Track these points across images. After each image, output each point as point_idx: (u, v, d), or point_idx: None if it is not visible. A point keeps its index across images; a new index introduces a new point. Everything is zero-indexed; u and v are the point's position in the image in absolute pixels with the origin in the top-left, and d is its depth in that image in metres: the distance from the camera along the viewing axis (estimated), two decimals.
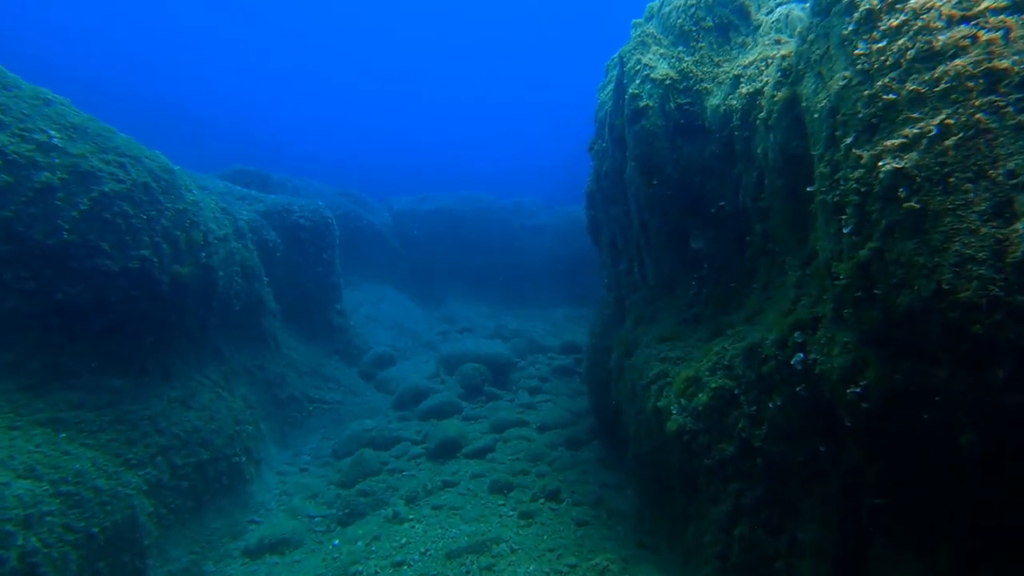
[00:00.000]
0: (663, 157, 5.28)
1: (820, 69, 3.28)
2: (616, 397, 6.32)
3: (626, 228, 6.53)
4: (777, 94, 3.79)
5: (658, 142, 5.26)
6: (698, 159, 5.15)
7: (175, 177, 6.29)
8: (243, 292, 7.72)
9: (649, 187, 5.47)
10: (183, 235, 6.18)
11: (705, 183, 5.17)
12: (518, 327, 12.05)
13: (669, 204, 5.44)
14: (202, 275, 6.59)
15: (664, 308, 5.76)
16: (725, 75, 4.90)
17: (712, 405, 4.18)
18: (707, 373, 4.36)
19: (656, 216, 5.60)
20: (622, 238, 6.74)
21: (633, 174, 5.68)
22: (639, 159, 5.45)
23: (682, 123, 5.16)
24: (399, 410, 9.01)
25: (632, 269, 6.54)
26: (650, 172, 5.40)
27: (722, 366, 4.25)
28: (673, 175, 5.30)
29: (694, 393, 4.43)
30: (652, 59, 5.27)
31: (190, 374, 6.42)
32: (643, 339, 5.78)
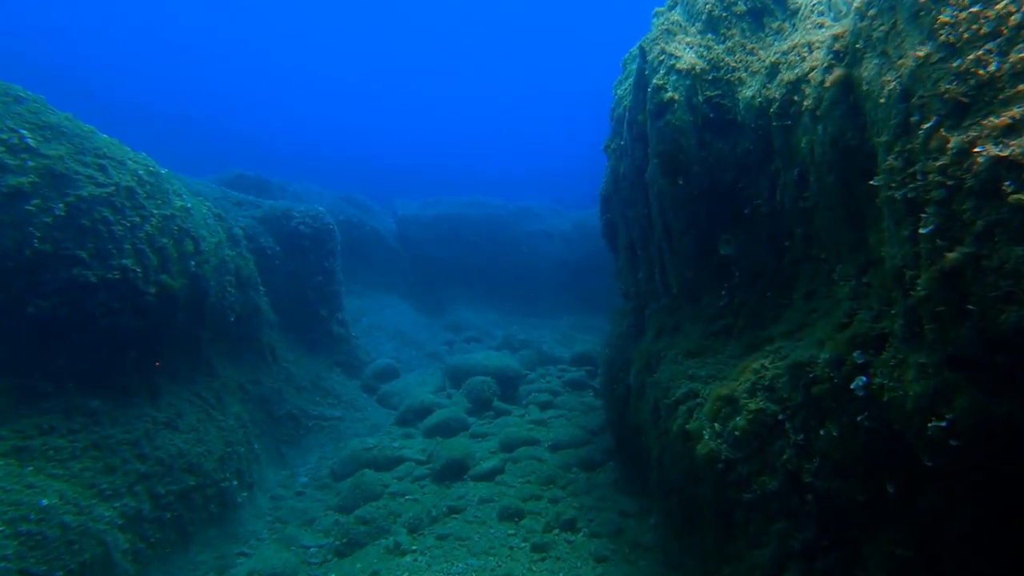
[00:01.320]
0: (690, 154, 4.83)
1: (885, 48, 2.81)
2: (636, 416, 5.83)
3: (646, 232, 6.07)
4: (828, 79, 3.33)
5: (684, 138, 4.81)
6: (729, 156, 4.69)
7: (162, 181, 5.91)
8: (238, 303, 7.31)
9: (674, 187, 5.01)
10: (171, 243, 5.78)
11: (737, 182, 4.71)
12: (527, 337, 11.57)
13: (696, 206, 4.98)
14: (192, 285, 6.18)
15: (690, 319, 5.28)
16: (760, 64, 4.45)
17: (751, 431, 3.69)
18: (744, 394, 3.87)
19: (681, 219, 5.14)
20: (641, 243, 6.27)
21: (656, 173, 5.22)
22: (663, 157, 5.00)
23: (711, 117, 4.70)
24: (402, 426, 8.55)
25: (653, 276, 6.07)
26: (675, 171, 4.94)
27: (762, 387, 3.76)
28: (701, 174, 4.84)
29: (729, 416, 3.95)
30: (678, 48, 4.83)
31: (178, 392, 6.00)
32: (667, 353, 5.30)
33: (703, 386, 4.50)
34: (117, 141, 5.78)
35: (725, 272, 4.96)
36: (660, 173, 5.16)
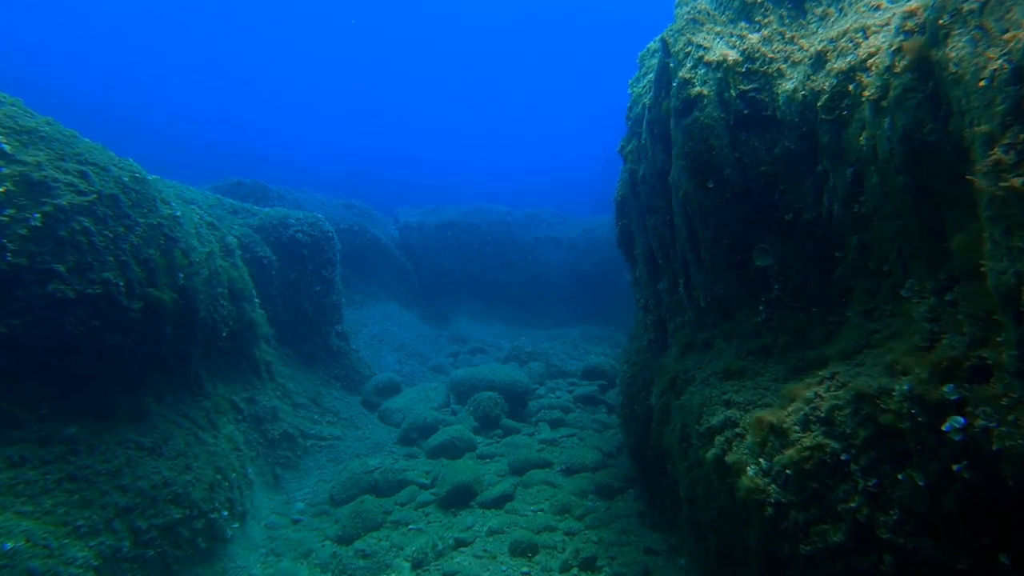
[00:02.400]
0: (721, 155, 4.38)
1: (982, 21, 2.36)
2: (660, 441, 5.34)
3: (668, 241, 5.61)
4: (898, 64, 2.88)
5: (715, 137, 4.36)
6: (766, 156, 4.23)
7: (149, 188, 5.50)
8: (230, 316, 6.88)
9: (702, 191, 4.56)
10: (158, 254, 5.36)
11: (775, 186, 4.26)
12: (535, 348, 11.09)
13: (728, 212, 4.52)
14: (181, 299, 5.76)
15: (721, 336, 4.81)
16: (803, 54, 4.01)
17: (807, 470, 3.21)
18: (795, 426, 3.39)
19: (710, 226, 4.68)
20: (663, 252, 5.81)
21: (681, 177, 4.77)
22: (690, 159, 4.55)
23: (746, 113, 4.26)
24: (405, 445, 8.07)
25: (676, 288, 5.61)
26: (704, 174, 4.49)
27: (818, 418, 3.28)
28: (733, 176, 4.38)
29: (778, 450, 3.47)
30: (707, 39, 4.40)
31: (165, 414, 5.56)
32: (696, 373, 4.82)
33: (742, 413, 4.02)
34: (101, 146, 5.38)
35: (762, 285, 4.49)
36: (687, 176, 4.71)
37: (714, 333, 4.92)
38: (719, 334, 4.85)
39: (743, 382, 4.24)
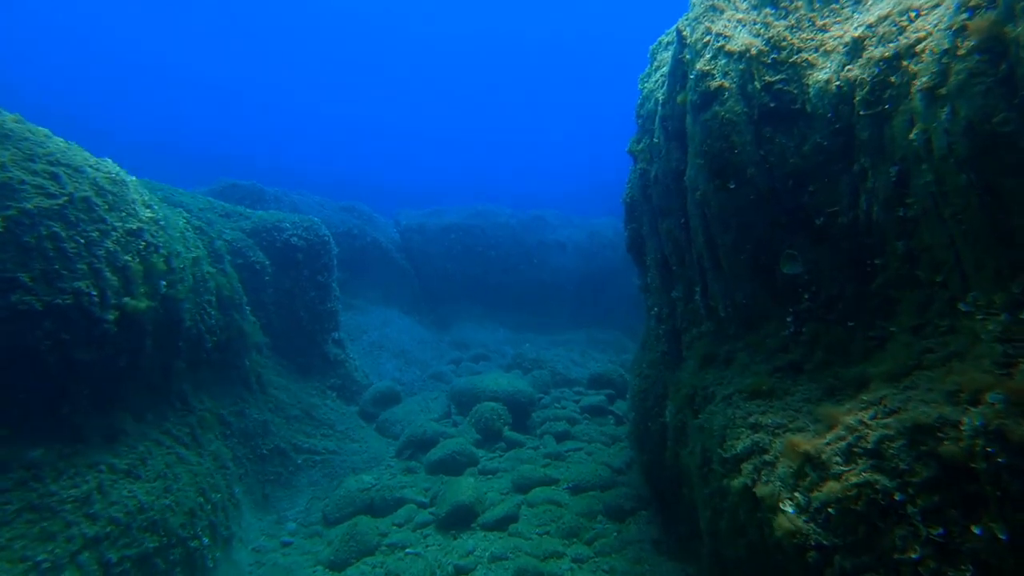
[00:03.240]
0: (744, 153, 3.99)
1: None
2: (676, 463, 4.95)
3: (683, 245, 5.22)
4: (961, 45, 2.49)
5: (737, 134, 3.98)
6: (794, 154, 3.85)
7: (127, 191, 5.15)
8: (218, 326, 6.53)
9: (723, 193, 4.18)
10: (136, 260, 5.01)
11: (804, 186, 3.87)
12: (539, 355, 10.70)
13: (751, 214, 4.14)
14: (162, 308, 5.41)
15: (744, 349, 4.42)
16: (837, 42, 3.63)
17: (854, 511, 2.81)
18: (837, 457, 3.00)
19: (731, 230, 4.29)
20: (677, 257, 5.43)
21: (699, 177, 4.39)
22: (709, 157, 4.17)
23: (772, 107, 3.88)
24: (403, 460, 7.70)
25: (692, 296, 5.22)
26: (725, 173, 4.11)
27: (864, 450, 2.89)
28: (757, 176, 4.00)
29: (817, 483, 3.07)
30: (727, 27, 4.02)
31: (144, 432, 5.20)
32: (717, 390, 4.43)
33: (771, 438, 3.63)
34: (76, 146, 5.04)
35: (790, 294, 4.10)
36: (705, 176, 4.33)
37: (736, 346, 4.53)
38: (741, 347, 4.46)
39: (771, 402, 3.85)
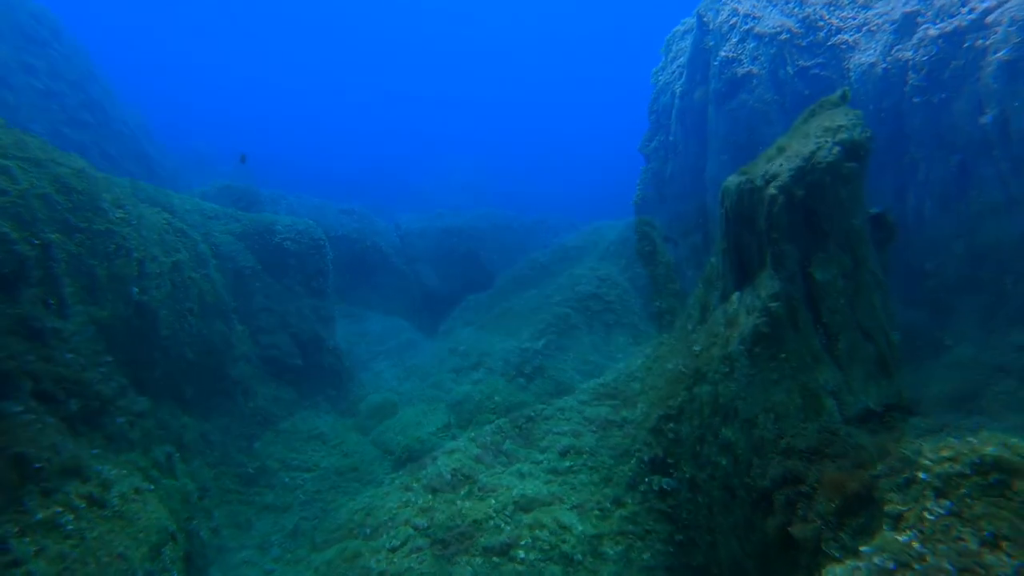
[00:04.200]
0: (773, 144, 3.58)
1: None
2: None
3: (700, 249, 4.80)
4: None
5: (766, 124, 3.57)
6: None
7: (96, 187, 4.76)
8: (200, 335, 6.12)
9: (748, 190, 3.75)
10: (102, 265, 4.61)
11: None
12: (542, 363, 10.26)
13: (780, 216, 3.71)
14: (136, 316, 5.00)
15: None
16: (883, 19, 3.22)
17: None
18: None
19: (756, 233, 3.87)
20: (694, 262, 5.00)
21: (720, 173, 3.97)
22: (735, 150, 3.75)
23: (806, 95, 3.46)
24: (399, 476, 7.25)
25: (713, 295, 4.79)
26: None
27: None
28: None
29: None
30: (755, 7, 3.62)
31: (111, 459, 4.78)
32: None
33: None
34: (39, 139, 4.66)
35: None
36: (729, 172, 3.91)
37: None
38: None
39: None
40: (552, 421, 8.03)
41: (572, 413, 8.37)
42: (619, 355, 9.97)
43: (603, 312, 10.54)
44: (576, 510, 5.99)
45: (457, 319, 14.15)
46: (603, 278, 11.10)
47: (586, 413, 7.98)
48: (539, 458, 7.18)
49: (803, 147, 5.70)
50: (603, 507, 6.00)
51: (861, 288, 5.59)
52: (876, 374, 5.46)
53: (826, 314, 5.44)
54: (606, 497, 6.15)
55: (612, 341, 10.20)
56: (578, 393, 8.84)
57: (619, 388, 8.16)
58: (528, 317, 11.55)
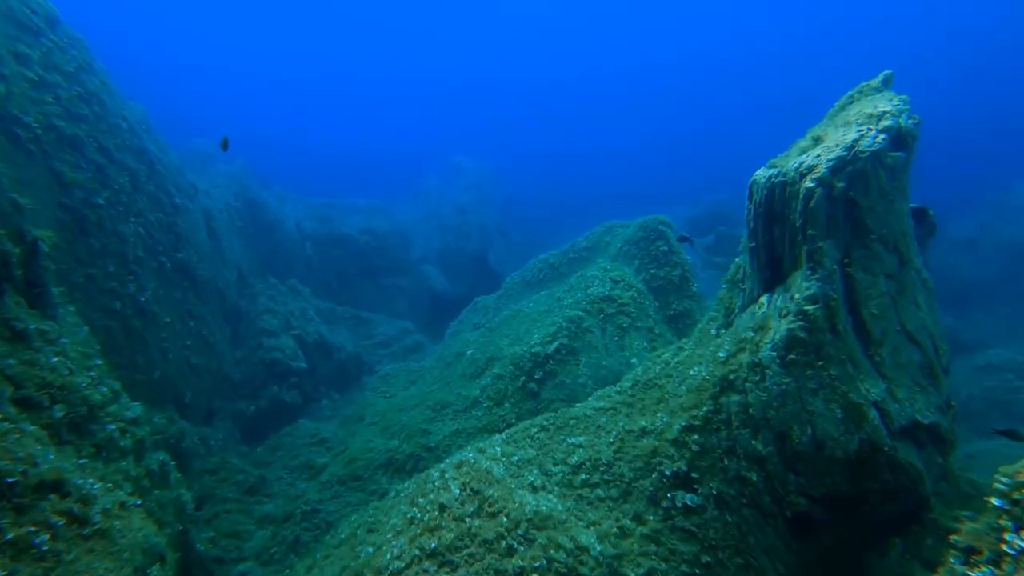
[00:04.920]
0: None
1: None
2: None
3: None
4: None
5: None
6: None
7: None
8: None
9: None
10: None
11: None
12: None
13: None
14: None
15: None
16: None
17: None
18: None
19: None
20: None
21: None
22: None
23: None
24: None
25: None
26: None
27: None
28: None
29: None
30: None
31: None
32: None
33: None
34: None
35: None
36: None
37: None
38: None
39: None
40: (565, 430, 7.62)
41: (587, 422, 7.95)
42: (635, 360, 9.55)
43: (617, 315, 10.12)
44: (594, 528, 5.58)
45: (465, 322, 13.78)
46: (616, 279, 10.69)
47: (601, 422, 7.55)
48: (552, 470, 6.76)
49: (843, 136, 5.29)
50: (623, 525, 5.60)
51: (906, 289, 5.17)
52: (923, 382, 5.03)
53: (868, 318, 5.03)
54: (625, 514, 5.74)
55: (627, 345, 9.78)
56: (592, 400, 8.41)
57: (636, 395, 7.73)
58: (538, 320, 11.14)
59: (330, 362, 11.23)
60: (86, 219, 8.36)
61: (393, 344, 15.64)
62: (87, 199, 8.57)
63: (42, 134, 7.95)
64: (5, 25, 8.48)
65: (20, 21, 8.55)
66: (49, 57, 8.88)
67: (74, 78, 9.36)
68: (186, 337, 9.39)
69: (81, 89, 9.40)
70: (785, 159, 6.27)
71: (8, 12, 8.56)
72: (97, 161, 9.20)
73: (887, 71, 5.31)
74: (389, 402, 10.37)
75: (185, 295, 10.14)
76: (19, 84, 7.95)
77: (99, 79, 10.16)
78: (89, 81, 9.75)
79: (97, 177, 9.05)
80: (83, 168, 8.79)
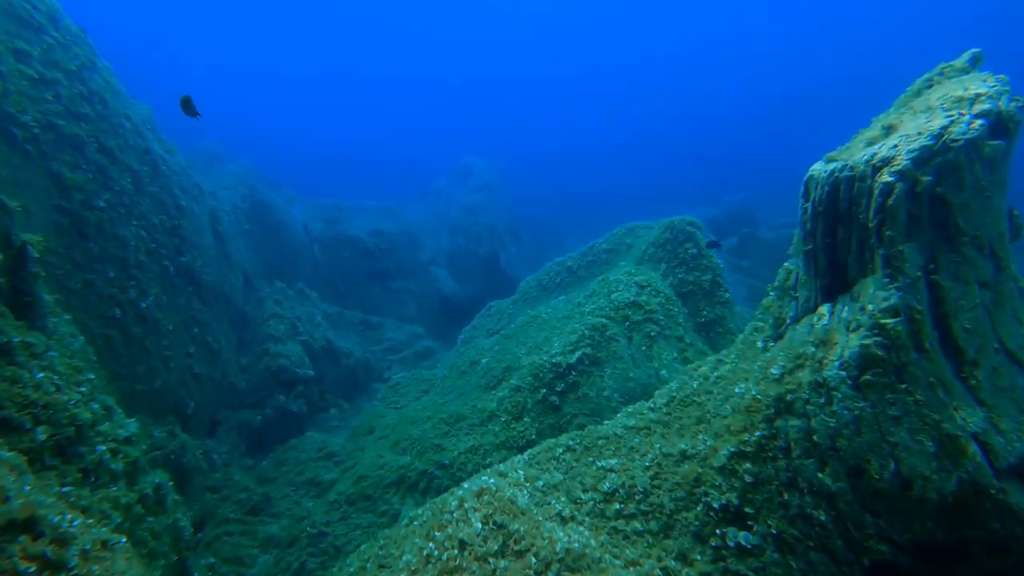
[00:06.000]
0: None
1: None
2: None
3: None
4: None
5: None
6: None
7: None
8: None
9: None
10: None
11: None
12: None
13: None
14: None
15: None
16: None
17: None
18: None
19: None
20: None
21: None
22: None
23: None
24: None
25: None
26: None
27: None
28: None
29: None
30: None
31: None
32: None
33: None
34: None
35: None
36: None
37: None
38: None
39: None
40: (594, 452, 6.97)
41: (618, 442, 7.29)
42: (664, 372, 8.88)
43: (644, 322, 9.45)
44: (633, 569, 4.94)
45: (478, 327, 13.19)
46: (643, 284, 10.03)
47: (634, 443, 6.89)
48: (582, 497, 6.13)
49: (926, 123, 4.60)
50: (666, 566, 4.95)
51: (1003, 300, 4.46)
52: None
53: (960, 333, 4.33)
54: (668, 552, 5.09)
55: (656, 355, 9.11)
56: (623, 417, 7.76)
57: (673, 414, 7.06)
58: (557, 327, 10.51)
59: (338, 369, 10.72)
60: (85, 222, 7.95)
61: (403, 349, 15.11)
62: (87, 201, 8.15)
63: (40, 133, 7.55)
64: (4, 21, 8.10)
65: (20, 17, 8.17)
66: (50, 54, 8.48)
67: (76, 76, 8.96)
68: (189, 345, 8.95)
69: (83, 87, 9.00)
70: (847, 151, 5.60)
71: (8, 8, 8.19)
72: (98, 162, 8.79)
73: (974, 49, 4.63)
74: (400, 414, 9.81)
75: (189, 301, 9.71)
76: (17, 82, 7.55)
77: (102, 77, 9.77)
78: (91, 79, 9.35)
79: (98, 178, 8.63)
80: (83, 169, 8.38)
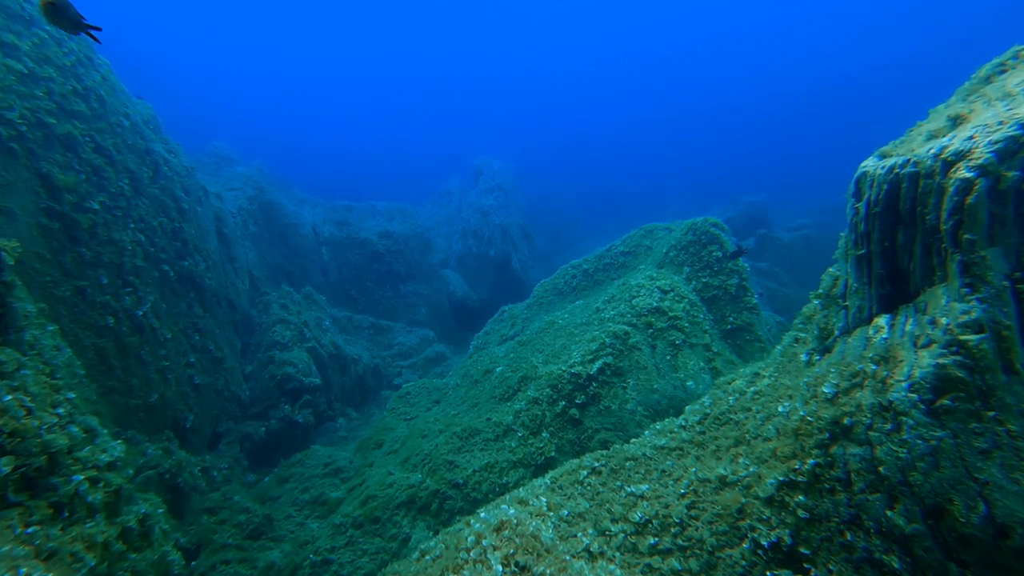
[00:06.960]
0: None
1: None
2: None
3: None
4: None
5: None
6: None
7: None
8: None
9: None
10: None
11: None
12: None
13: None
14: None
15: None
16: None
17: None
18: None
19: None
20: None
21: None
22: None
23: None
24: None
25: None
26: None
27: None
28: None
29: None
30: None
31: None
32: None
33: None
34: None
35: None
36: None
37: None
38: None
39: None
40: (622, 475, 6.40)
41: (647, 464, 6.71)
42: (691, 383, 8.28)
43: (668, 330, 8.86)
44: None
45: (491, 333, 12.66)
46: (666, 289, 9.43)
47: (666, 466, 6.31)
48: (611, 529, 5.56)
49: (1006, 111, 4.00)
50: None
51: None
52: None
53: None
54: None
55: (681, 365, 8.51)
56: (651, 436, 7.18)
57: (708, 433, 6.47)
58: (575, 334, 9.95)
59: (346, 376, 10.23)
60: (77, 225, 7.54)
61: (413, 355, 14.62)
62: (79, 203, 7.74)
63: (27, 131, 7.14)
64: None
65: (8, 8, 7.79)
66: (41, 49, 8.10)
67: (70, 72, 8.57)
68: (190, 354, 8.52)
69: (77, 84, 8.60)
70: (904, 145, 5.00)
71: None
72: (93, 162, 8.39)
73: None
74: (410, 426, 9.31)
75: (190, 307, 9.28)
76: (3, 76, 7.16)
77: (100, 74, 9.37)
78: (87, 76, 8.96)
79: (92, 179, 8.23)
80: (76, 170, 7.98)
